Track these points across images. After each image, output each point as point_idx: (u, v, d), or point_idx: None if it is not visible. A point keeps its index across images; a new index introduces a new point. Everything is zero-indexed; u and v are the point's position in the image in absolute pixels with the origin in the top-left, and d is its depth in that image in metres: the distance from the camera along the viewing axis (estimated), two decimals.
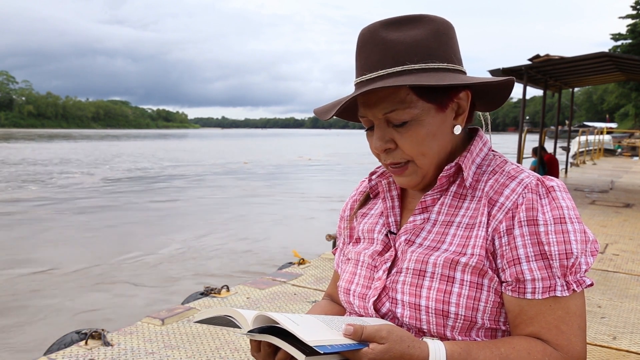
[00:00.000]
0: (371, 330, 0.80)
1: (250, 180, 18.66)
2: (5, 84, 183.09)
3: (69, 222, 10.34)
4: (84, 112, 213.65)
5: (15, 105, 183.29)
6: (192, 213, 11.58)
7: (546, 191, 0.91)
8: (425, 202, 0.98)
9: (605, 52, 9.00)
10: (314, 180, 19.18)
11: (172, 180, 18.69)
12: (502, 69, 8.51)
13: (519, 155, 9.48)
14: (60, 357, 2.71)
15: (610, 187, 11.22)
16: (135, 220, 10.60)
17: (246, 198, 13.88)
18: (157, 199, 13.76)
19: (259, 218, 10.87)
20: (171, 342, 2.96)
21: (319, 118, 0.96)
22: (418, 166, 0.95)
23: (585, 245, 0.89)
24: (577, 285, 0.88)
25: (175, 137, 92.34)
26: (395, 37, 0.89)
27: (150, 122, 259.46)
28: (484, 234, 0.91)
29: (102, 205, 12.58)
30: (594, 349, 2.98)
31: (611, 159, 23.16)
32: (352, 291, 1.03)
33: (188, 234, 9.12)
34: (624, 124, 56.40)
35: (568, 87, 12.57)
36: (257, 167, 24.63)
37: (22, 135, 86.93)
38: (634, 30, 44.15)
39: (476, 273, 0.90)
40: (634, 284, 4.22)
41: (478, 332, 0.92)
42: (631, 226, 6.72)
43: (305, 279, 4.28)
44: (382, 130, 0.94)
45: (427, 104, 0.91)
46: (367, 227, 1.08)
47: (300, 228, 9.89)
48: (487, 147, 1.01)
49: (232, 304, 3.65)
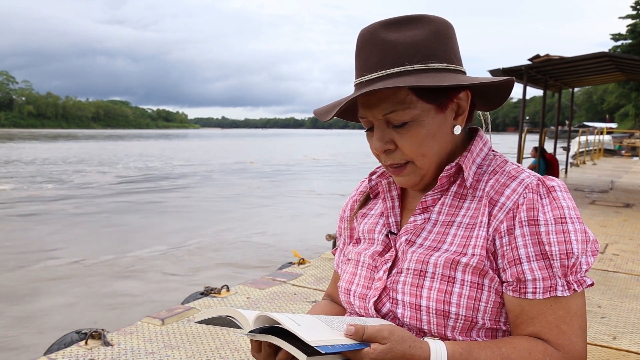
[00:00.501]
0: (372, 330, 0.80)
1: (258, 179, 18.90)
2: (5, 84, 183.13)
3: (90, 218, 10.67)
4: (84, 112, 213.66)
5: (15, 105, 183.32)
6: (205, 210, 11.87)
7: (547, 191, 0.91)
8: (425, 202, 0.98)
9: (605, 52, 8.99)
10: (322, 179, 19.40)
11: (184, 178, 19.02)
12: (502, 69, 8.51)
13: (519, 156, 9.48)
14: (60, 357, 2.70)
15: (610, 187, 11.22)
16: (154, 217, 10.97)
17: (255, 195, 14.22)
18: (170, 196, 14.14)
19: (275, 214, 11.20)
20: (171, 342, 2.95)
21: (319, 119, 0.96)
22: (417, 166, 0.95)
23: (586, 245, 0.89)
24: (577, 285, 0.88)
25: (178, 137, 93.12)
26: (394, 38, 0.89)
27: (150, 122, 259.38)
28: (484, 234, 0.91)
29: (120, 201, 12.95)
30: (594, 349, 2.98)
31: (611, 159, 23.16)
32: (352, 291, 1.03)
33: (208, 228, 9.43)
34: (624, 124, 56.39)
35: (568, 87, 12.57)
36: (265, 166, 24.91)
37: (26, 135, 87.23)
38: (634, 30, 44.15)
39: (477, 273, 0.90)
40: (634, 284, 4.22)
41: (479, 332, 0.92)
42: (631, 226, 6.71)
43: (305, 279, 4.28)
44: (381, 131, 0.94)
45: (426, 104, 0.91)
46: (367, 227, 1.08)
47: (312, 224, 10.10)
48: (487, 147, 1.01)
49: (232, 304, 3.65)
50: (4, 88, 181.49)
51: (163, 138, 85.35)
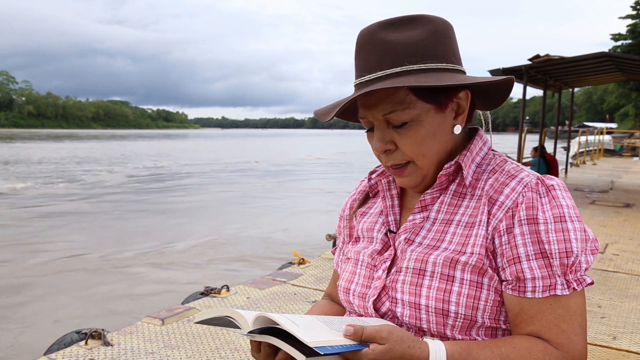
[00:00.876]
0: (371, 330, 0.80)
1: (264, 178, 19.06)
2: (5, 84, 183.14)
3: (105, 215, 10.90)
4: (84, 112, 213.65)
5: (15, 105, 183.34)
6: (208, 208, 12.06)
7: (546, 190, 0.91)
8: (424, 201, 0.98)
9: (605, 52, 8.99)
10: (327, 178, 19.58)
11: (191, 177, 19.25)
12: (502, 69, 8.51)
13: (519, 155, 9.47)
14: (60, 357, 2.70)
15: (610, 187, 11.21)
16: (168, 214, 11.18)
17: (260, 195, 14.40)
18: (181, 194, 14.43)
19: (279, 213, 11.34)
20: (171, 342, 2.95)
21: (319, 120, 0.96)
22: (418, 167, 0.95)
23: (586, 244, 0.89)
24: (577, 283, 0.88)
25: (181, 137, 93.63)
26: (394, 38, 0.89)
27: (150, 122, 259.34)
28: (483, 233, 0.91)
29: (133, 200, 13.20)
30: (594, 349, 2.97)
31: (611, 159, 23.16)
32: (351, 290, 1.03)
33: (209, 228, 9.59)
34: (624, 124, 56.38)
35: (568, 87, 12.56)
36: (271, 166, 25.08)
37: (28, 135, 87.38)
38: (634, 30, 44.13)
39: (476, 272, 0.90)
40: (634, 284, 4.22)
41: (478, 331, 0.92)
42: (631, 226, 6.71)
43: (305, 279, 4.28)
44: (382, 131, 0.94)
45: (426, 104, 0.91)
46: (366, 226, 1.08)
47: (324, 219, 10.26)
48: (487, 147, 1.01)
49: (232, 304, 3.65)
50: (4, 88, 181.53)
51: (166, 138, 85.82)
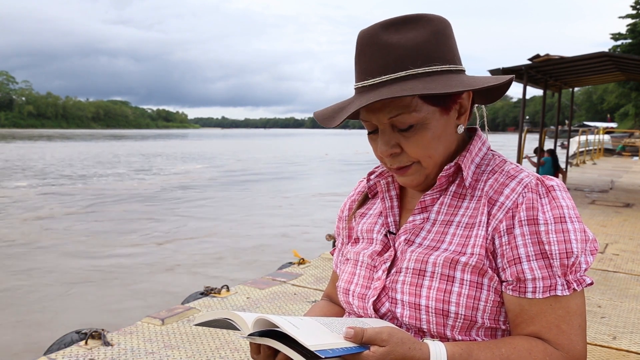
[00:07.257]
0: (372, 333, 0.80)
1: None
2: (5, 84, 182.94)
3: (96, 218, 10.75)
4: (83, 112, 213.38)
5: (15, 105, 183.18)
6: (212, 209, 12.15)
7: (546, 190, 0.91)
8: (424, 202, 0.98)
9: (605, 52, 8.98)
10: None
11: (300, 166, 20.22)
12: (502, 68, 8.50)
13: (519, 155, 9.47)
14: (60, 357, 2.70)
15: (610, 187, 11.21)
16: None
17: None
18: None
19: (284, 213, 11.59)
20: (171, 342, 2.95)
21: (322, 125, 0.94)
22: (423, 166, 0.95)
23: (585, 244, 0.89)
24: (577, 284, 0.88)
25: (185, 137, 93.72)
26: (395, 41, 0.89)
27: (150, 122, 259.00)
28: (483, 234, 0.91)
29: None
30: (594, 349, 2.97)
31: (611, 159, 23.15)
32: (351, 291, 1.03)
33: (211, 228, 9.69)
34: (624, 124, 56.32)
35: (568, 87, 12.56)
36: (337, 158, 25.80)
37: (29, 135, 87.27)
38: (634, 30, 44.08)
39: (476, 272, 0.90)
40: (634, 284, 4.22)
41: (478, 332, 0.92)
42: (631, 226, 6.71)
43: (305, 279, 4.28)
44: (387, 134, 0.93)
45: (431, 107, 0.91)
46: (366, 227, 1.07)
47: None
48: (486, 147, 1.01)
49: (232, 303, 3.65)
50: (4, 88, 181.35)
51: (179, 138, 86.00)
